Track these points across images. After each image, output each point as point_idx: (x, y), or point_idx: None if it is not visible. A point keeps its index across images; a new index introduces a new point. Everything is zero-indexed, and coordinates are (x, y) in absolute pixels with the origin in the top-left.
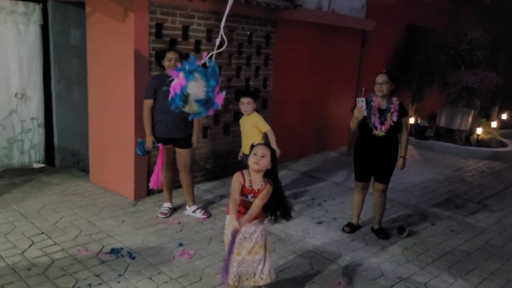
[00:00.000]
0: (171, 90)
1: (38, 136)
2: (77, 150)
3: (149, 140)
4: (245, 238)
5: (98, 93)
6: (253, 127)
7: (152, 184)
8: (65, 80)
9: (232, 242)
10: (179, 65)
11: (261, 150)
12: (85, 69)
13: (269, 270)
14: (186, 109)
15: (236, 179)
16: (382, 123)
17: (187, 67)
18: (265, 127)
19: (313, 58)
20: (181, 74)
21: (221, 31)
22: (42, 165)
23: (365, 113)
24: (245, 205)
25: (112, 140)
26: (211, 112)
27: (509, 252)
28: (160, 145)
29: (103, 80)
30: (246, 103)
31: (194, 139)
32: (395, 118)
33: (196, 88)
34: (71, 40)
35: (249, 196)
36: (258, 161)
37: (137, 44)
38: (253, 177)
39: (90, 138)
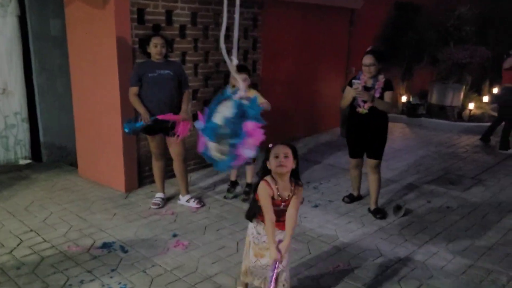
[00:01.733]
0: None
1: (22, 131)
2: (64, 144)
3: (144, 116)
4: (261, 237)
5: (81, 84)
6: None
7: (182, 133)
8: (47, 73)
9: (273, 272)
10: (164, 50)
11: (282, 150)
12: (67, 60)
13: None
14: (214, 151)
15: (265, 193)
16: (365, 101)
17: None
18: (263, 99)
19: (302, 39)
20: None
21: (225, 55)
22: (28, 161)
23: (361, 89)
24: (277, 214)
25: (99, 132)
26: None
27: (505, 226)
28: (158, 116)
29: (86, 71)
30: (242, 79)
31: (183, 114)
32: (377, 95)
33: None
34: (50, 30)
35: (282, 206)
36: (284, 162)
37: (118, 31)
38: (279, 184)
39: (76, 131)
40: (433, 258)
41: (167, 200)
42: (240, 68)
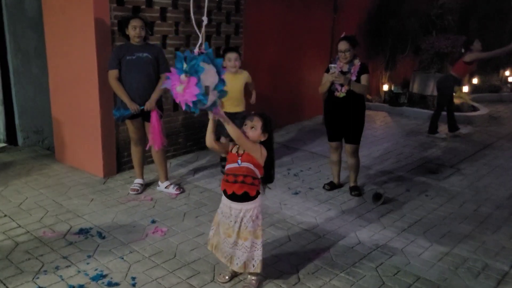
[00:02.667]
0: (178, 97)
1: None
2: (40, 127)
3: (132, 105)
4: (228, 217)
5: (58, 66)
6: (242, 86)
7: (158, 145)
8: (22, 54)
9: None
10: (143, 33)
11: (251, 121)
12: (43, 41)
13: (252, 259)
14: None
15: (226, 142)
16: (342, 85)
17: (185, 65)
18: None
19: (285, 26)
20: (184, 76)
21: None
22: (3, 144)
23: (338, 77)
24: (234, 173)
25: (76, 115)
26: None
27: (482, 214)
28: (153, 111)
29: (63, 53)
30: (233, 59)
31: (147, 103)
32: (353, 78)
33: (210, 76)
34: (26, 11)
35: (239, 161)
36: (247, 132)
37: (97, 13)
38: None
39: (53, 115)
40: (411, 246)
41: (146, 186)
42: (230, 49)
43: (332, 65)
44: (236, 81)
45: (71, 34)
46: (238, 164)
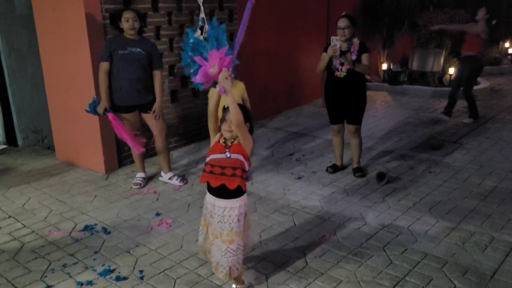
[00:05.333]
0: (202, 77)
1: None
2: (39, 127)
3: (101, 106)
4: (212, 215)
5: (52, 64)
6: (240, 98)
7: (138, 150)
8: (15, 53)
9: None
10: (137, 25)
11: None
12: (36, 39)
13: (237, 263)
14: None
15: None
16: (342, 64)
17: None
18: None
19: (280, 9)
20: (215, 51)
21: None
22: (3, 146)
23: (338, 52)
24: (221, 165)
25: (74, 112)
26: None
27: (486, 188)
28: (109, 114)
29: (57, 50)
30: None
31: (155, 106)
32: (354, 57)
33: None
34: (16, 8)
35: (227, 154)
36: (229, 128)
37: (87, 7)
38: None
39: (51, 113)
40: (417, 223)
41: (148, 179)
42: None
43: (334, 37)
44: (234, 92)
45: (63, 31)
46: (227, 156)
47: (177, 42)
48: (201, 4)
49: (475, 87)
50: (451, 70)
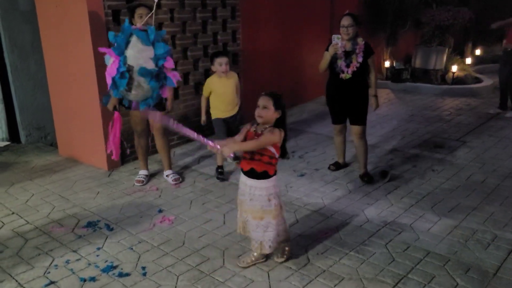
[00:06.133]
0: (107, 77)
1: None
2: (42, 124)
3: (112, 102)
4: (244, 195)
5: (55, 60)
6: (234, 88)
7: (115, 155)
8: (18, 50)
9: (201, 137)
10: (150, 21)
11: (262, 101)
12: (38, 36)
13: (269, 240)
14: (132, 94)
15: (245, 127)
16: (347, 66)
17: (118, 35)
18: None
19: (283, 6)
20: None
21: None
22: (6, 143)
23: (340, 50)
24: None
25: (77, 109)
26: (165, 94)
27: (489, 186)
28: (116, 113)
29: (59, 46)
30: (224, 63)
31: (168, 104)
32: (360, 59)
33: (140, 57)
34: (19, 5)
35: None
36: (260, 112)
37: (90, 3)
38: (259, 126)
39: (53, 110)
40: (419, 221)
41: (151, 176)
42: (221, 53)
43: (336, 36)
44: (228, 85)
45: (66, 28)
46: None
47: (179, 39)
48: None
49: (478, 85)
50: (454, 68)
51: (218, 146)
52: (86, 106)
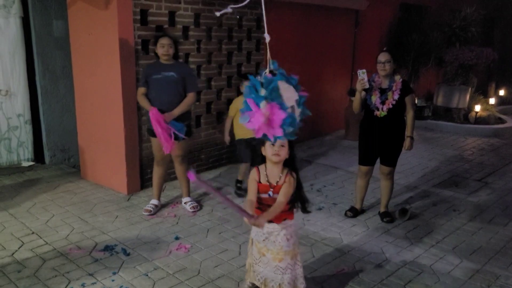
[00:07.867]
0: (261, 131)
1: (25, 133)
2: (67, 146)
3: (148, 108)
4: (267, 238)
5: (84, 85)
6: None
7: (168, 150)
8: (49, 74)
9: (239, 210)
10: (172, 51)
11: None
12: (69, 61)
13: (294, 280)
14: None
15: (251, 177)
16: (383, 103)
17: (262, 88)
18: None
19: (305, 40)
20: (263, 103)
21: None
22: (31, 163)
23: (367, 85)
24: (267, 203)
25: (101, 134)
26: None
27: None
28: (153, 108)
29: (89, 72)
30: None
31: (166, 115)
32: (396, 97)
33: (291, 95)
34: (53, 31)
35: (270, 193)
36: (278, 151)
37: (121, 33)
38: (270, 170)
39: (79, 133)
40: (440, 262)
41: (170, 202)
42: (244, 76)
43: (361, 71)
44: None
45: (97, 54)
46: (269, 196)
47: (205, 69)
48: (267, 42)
49: (501, 126)
50: (477, 108)
51: (251, 222)
52: (110, 131)
